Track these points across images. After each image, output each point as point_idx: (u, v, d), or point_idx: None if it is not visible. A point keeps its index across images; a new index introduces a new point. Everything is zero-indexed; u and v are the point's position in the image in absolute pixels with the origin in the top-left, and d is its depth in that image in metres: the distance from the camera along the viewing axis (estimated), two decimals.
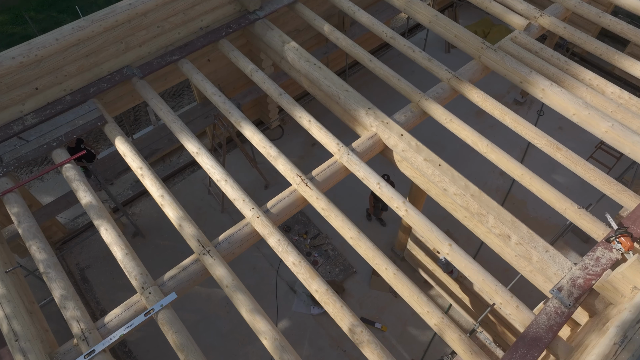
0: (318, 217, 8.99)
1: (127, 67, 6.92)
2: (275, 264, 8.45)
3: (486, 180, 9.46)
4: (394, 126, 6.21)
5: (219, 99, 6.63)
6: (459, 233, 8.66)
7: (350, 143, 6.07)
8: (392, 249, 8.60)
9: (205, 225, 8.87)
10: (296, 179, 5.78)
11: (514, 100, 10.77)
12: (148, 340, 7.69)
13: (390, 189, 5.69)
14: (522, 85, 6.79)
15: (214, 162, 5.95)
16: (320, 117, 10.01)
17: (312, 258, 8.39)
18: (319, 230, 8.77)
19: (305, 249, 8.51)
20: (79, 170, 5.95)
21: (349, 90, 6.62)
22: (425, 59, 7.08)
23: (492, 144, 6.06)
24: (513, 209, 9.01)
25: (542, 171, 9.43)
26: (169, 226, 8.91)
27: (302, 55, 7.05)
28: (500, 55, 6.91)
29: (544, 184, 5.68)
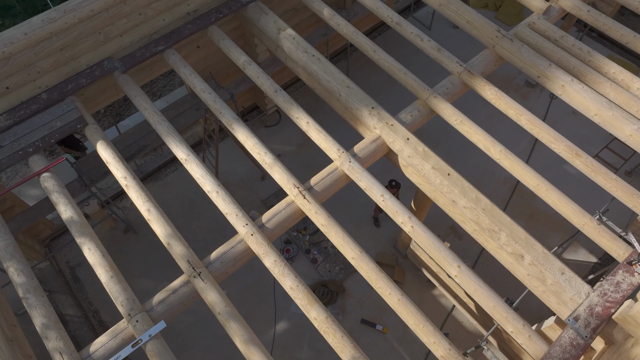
0: None
1: (107, 60, 6.32)
2: None
3: (494, 170, 9.02)
4: (399, 129, 5.71)
5: (209, 97, 6.08)
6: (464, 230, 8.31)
7: (351, 136, 5.57)
8: (394, 245, 8.28)
9: (200, 220, 8.52)
10: (293, 190, 5.35)
11: (526, 82, 10.14)
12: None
13: (395, 202, 5.27)
14: (539, 80, 6.23)
15: (204, 171, 5.49)
16: (320, 106, 9.45)
17: (311, 256, 8.09)
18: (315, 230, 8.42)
19: (304, 246, 8.18)
20: (58, 180, 5.50)
21: (351, 87, 6.06)
22: (434, 48, 6.46)
23: (506, 150, 5.59)
24: (521, 202, 8.64)
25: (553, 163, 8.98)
26: None
27: (300, 45, 6.43)
28: (516, 45, 6.30)
29: (561, 197, 5.25)
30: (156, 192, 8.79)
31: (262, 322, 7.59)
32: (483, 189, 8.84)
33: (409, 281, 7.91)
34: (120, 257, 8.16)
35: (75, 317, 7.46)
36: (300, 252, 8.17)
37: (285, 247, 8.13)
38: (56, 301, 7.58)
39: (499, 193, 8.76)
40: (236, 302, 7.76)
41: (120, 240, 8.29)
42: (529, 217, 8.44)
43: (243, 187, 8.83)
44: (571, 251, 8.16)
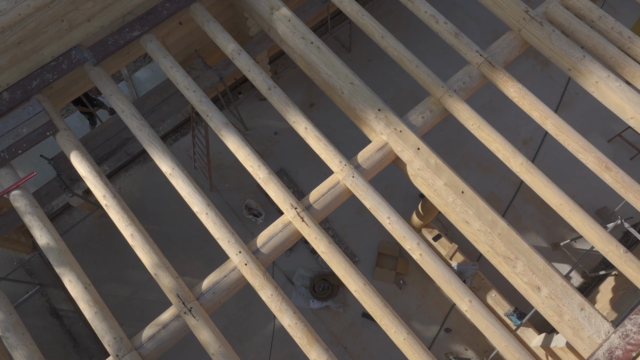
0: None
1: (75, 49, 5.51)
2: None
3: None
4: (409, 136, 5.08)
5: (194, 96, 5.35)
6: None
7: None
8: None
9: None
10: (290, 212, 4.84)
11: None
12: None
13: (402, 225, 4.79)
14: (570, 73, 5.46)
15: (191, 189, 4.95)
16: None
17: (310, 246, 7.74)
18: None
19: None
20: (30, 198, 4.97)
21: (355, 84, 5.32)
22: (451, 33, 5.61)
23: (528, 163, 5.00)
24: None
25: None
26: (154, 207, 8.15)
27: (297, 30, 5.57)
28: (546, 30, 5.44)
29: (585, 219, 4.76)
30: (145, 175, 8.26)
31: (260, 315, 7.43)
32: (496, 167, 8.32)
33: (412, 272, 7.65)
34: (112, 246, 7.83)
35: (69, 312, 7.30)
36: (299, 241, 7.83)
37: None
38: (49, 295, 7.38)
39: (511, 175, 8.23)
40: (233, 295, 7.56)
41: (112, 227, 7.88)
42: (542, 202, 7.98)
43: (238, 170, 8.28)
44: (582, 239, 7.81)
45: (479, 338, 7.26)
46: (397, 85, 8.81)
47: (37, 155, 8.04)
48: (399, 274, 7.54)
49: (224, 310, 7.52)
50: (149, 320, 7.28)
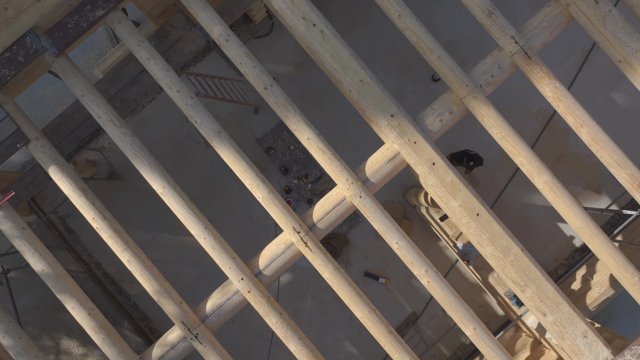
0: None
1: (30, 34, 4.58)
2: None
3: (527, 100, 7.66)
4: (424, 149, 4.54)
5: (179, 96, 4.61)
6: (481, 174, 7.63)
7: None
8: (403, 195, 7.66)
9: (190, 164, 7.73)
10: (294, 236, 4.57)
11: None
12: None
13: (411, 251, 4.57)
14: (620, 65, 4.63)
15: (187, 210, 4.60)
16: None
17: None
18: (321, 172, 7.62)
19: (305, 195, 7.59)
20: (16, 219, 4.64)
21: (365, 81, 4.56)
22: (483, 10, 4.61)
23: (553, 181, 4.57)
24: (552, 141, 7.64)
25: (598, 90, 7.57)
26: None
27: (296, 6, 4.56)
28: (602, 11, 4.46)
29: (605, 244, 4.53)
30: (135, 129, 7.66)
31: None
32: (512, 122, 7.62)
33: (415, 232, 7.62)
34: (109, 207, 7.62)
35: (78, 273, 7.47)
36: (301, 201, 7.63)
37: (286, 198, 7.55)
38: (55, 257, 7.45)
39: (529, 128, 7.65)
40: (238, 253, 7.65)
41: (105, 188, 7.64)
42: (557, 160, 7.59)
43: (234, 123, 7.66)
44: (593, 199, 7.61)
45: (475, 294, 7.58)
46: None
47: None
48: None
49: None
50: None
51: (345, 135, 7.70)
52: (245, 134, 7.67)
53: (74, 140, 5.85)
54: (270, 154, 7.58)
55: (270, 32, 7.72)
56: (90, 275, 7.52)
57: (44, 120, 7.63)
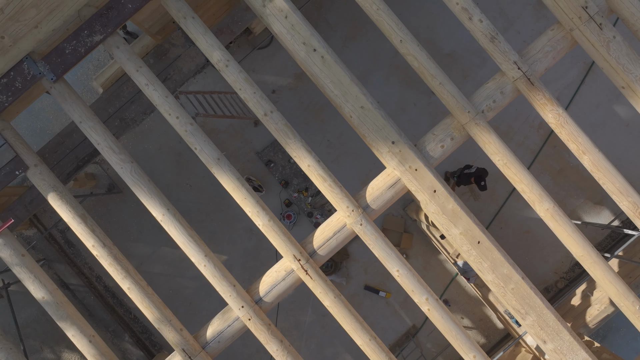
0: None
1: (27, 60, 4.53)
2: None
3: (529, 113, 7.61)
4: (425, 176, 4.51)
5: (178, 123, 4.57)
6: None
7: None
8: (404, 208, 7.64)
9: (190, 177, 7.71)
10: (294, 264, 4.57)
11: None
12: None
13: (411, 279, 4.56)
14: (624, 91, 4.60)
15: (187, 237, 4.58)
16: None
17: (314, 220, 7.57)
18: None
19: (306, 209, 7.57)
20: (15, 246, 4.63)
21: (366, 108, 4.53)
22: (486, 35, 4.55)
23: (554, 209, 4.54)
24: (553, 154, 7.61)
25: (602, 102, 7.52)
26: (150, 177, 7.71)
27: (296, 31, 4.51)
28: (605, 37, 4.40)
29: (607, 273, 4.53)
30: (135, 142, 7.62)
31: None
32: (514, 135, 7.70)
33: (415, 245, 7.61)
34: (110, 219, 7.65)
35: (79, 287, 7.48)
36: (301, 214, 7.61)
37: (286, 211, 7.53)
38: (56, 272, 7.47)
39: (530, 141, 7.60)
40: (237, 267, 7.69)
41: (105, 201, 7.62)
42: (558, 173, 7.55)
43: (234, 135, 7.62)
44: (594, 213, 7.59)
45: (475, 307, 7.59)
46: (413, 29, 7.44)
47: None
48: (403, 248, 7.52)
49: None
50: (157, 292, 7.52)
51: (345, 147, 7.66)
52: (245, 146, 7.63)
53: (73, 160, 5.82)
54: (271, 167, 7.55)
55: (270, 44, 7.65)
56: (90, 289, 7.53)
57: (43, 133, 7.59)
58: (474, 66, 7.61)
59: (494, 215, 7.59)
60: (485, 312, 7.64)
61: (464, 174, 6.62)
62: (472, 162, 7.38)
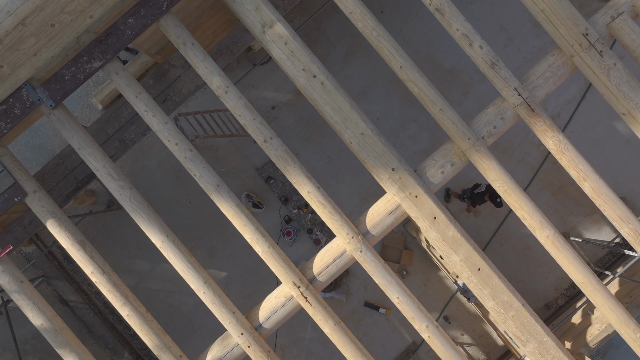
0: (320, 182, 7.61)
1: (26, 86, 4.52)
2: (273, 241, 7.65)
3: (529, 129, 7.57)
4: (425, 203, 4.50)
5: (179, 150, 4.56)
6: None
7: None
8: (404, 224, 7.63)
9: (189, 193, 7.69)
10: (294, 291, 4.55)
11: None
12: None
13: (412, 306, 4.55)
14: (624, 117, 4.61)
15: (186, 264, 4.56)
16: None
17: (314, 236, 7.55)
18: None
19: (305, 225, 7.56)
20: (14, 273, 4.61)
21: (366, 134, 4.51)
22: (486, 61, 4.56)
23: (555, 235, 4.53)
24: (553, 171, 7.61)
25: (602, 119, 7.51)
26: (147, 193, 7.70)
27: (296, 57, 4.51)
28: (606, 64, 4.39)
29: (607, 300, 4.52)
30: (134, 158, 7.61)
31: None
32: (514, 152, 7.68)
33: (416, 261, 7.60)
34: (110, 235, 7.64)
35: (79, 303, 7.46)
36: (301, 231, 7.59)
37: (286, 228, 7.51)
38: (55, 288, 7.45)
39: (530, 157, 7.59)
40: (237, 283, 7.68)
41: (104, 218, 7.60)
42: (558, 189, 7.54)
43: (233, 152, 7.60)
44: (594, 229, 7.57)
45: (475, 324, 7.57)
46: (413, 45, 7.55)
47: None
48: (403, 265, 7.50)
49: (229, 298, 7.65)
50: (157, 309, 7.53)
51: (345, 163, 7.65)
52: (244, 163, 7.62)
53: (72, 181, 5.81)
54: (270, 183, 7.53)
55: (270, 60, 7.63)
56: (90, 305, 7.50)
57: (42, 149, 7.58)
58: (474, 82, 7.59)
59: (495, 231, 7.58)
60: (486, 329, 7.62)
61: (476, 194, 6.62)
62: (473, 179, 7.38)
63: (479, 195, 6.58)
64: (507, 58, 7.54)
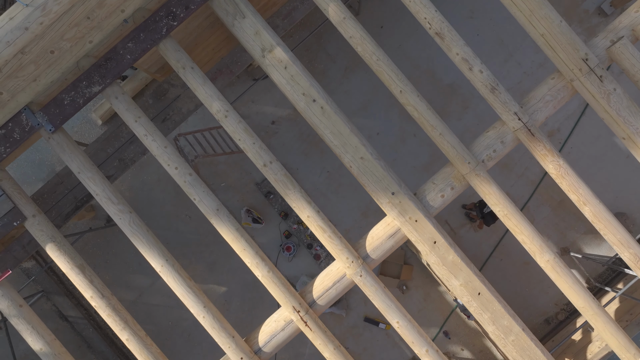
0: (320, 197, 7.65)
1: (25, 111, 4.51)
2: (273, 256, 7.65)
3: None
4: (425, 227, 4.50)
5: (178, 175, 4.55)
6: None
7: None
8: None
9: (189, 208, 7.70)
10: (294, 315, 4.54)
11: (597, 8, 7.56)
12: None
13: (411, 330, 4.54)
14: (624, 142, 4.59)
15: (185, 288, 4.56)
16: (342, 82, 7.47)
17: (314, 251, 7.54)
18: None
19: (305, 240, 7.55)
20: (13, 297, 4.61)
21: (366, 159, 4.50)
22: (487, 85, 4.56)
23: (555, 260, 4.52)
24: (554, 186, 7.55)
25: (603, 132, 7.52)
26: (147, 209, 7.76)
27: (296, 82, 4.51)
28: (606, 90, 4.39)
29: (608, 325, 4.51)
30: (134, 173, 7.61)
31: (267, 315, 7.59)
32: (514, 167, 7.68)
33: (416, 276, 7.59)
34: (110, 249, 7.63)
35: (78, 319, 7.45)
36: (301, 246, 7.58)
37: (286, 243, 7.50)
38: (55, 304, 7.44)
39: (530, 172, 7.59)
40: (236, 299, 7.67)
41: (103, 233, 7.59)
42: (558, 204, 7.54)
43: (233, 167, 7.60)
44: (594, 245, 7.57)
45: (475, 339, 7.56)
46: (413, 60, 7.54)
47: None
48: (403, 280, 7.50)
49: (229, 313, 7.68)
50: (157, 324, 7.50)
51: (345, 178, 7.64)
52: (244, 177, 7.62)
53: (72, 200, 5.80)
54: (270, 198, 7.53)
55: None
56: (89, 321, 7.49)
57: (42, 164, 7.57)
58: (474, 97, 7.59)
59: (495, 246, 7.57)
60: (486, 344, 7.61)
61: (488, 214, 6.62)
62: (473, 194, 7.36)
63: (491, 215, 6.60)
64: (507, 73, 7.54)
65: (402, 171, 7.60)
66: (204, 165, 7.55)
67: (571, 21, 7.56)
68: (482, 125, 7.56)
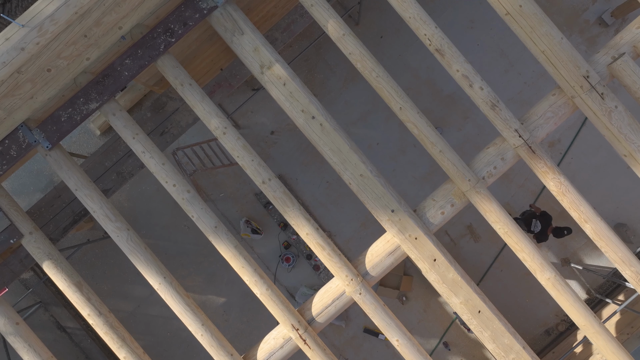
0: (319, 208, 7.62)
1: (22, 128, 4.48)
2: (272, 266, 7.62)
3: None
4: (425, 245, 4.47)
5: (175, 191, 4.53)
6: (482, 229, 7.58)
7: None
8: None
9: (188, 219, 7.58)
10: (292, 333, 4.51)
11: (598, 19, 7.53)
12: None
13: (411, 349, 4.51)
14: (626, 159, 4.55)
15: (183, 306, 4.53)
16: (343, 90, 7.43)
17: (313, 262, 7.51)
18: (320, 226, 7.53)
19: (305, 251, 7.51)
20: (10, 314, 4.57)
21: (366, 176, 4.47)
22: (487, 102, 4.51)
23: (556, 278, 4.49)
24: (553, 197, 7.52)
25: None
26: (146, 219, 7.73)
27: (294, 99, 4.48)
28: (607, 107, 4.36)
29: (609, 343, 4.48)
30: (132, 183, 7.58)
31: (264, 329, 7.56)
32: (514, 177, 7.65)
33: (415, 287, 7.56)
34: (108, 260, 7.60)
35: (76, 330, 7.41)
36: (300, 257, 7.55)
37: (285, 254, 7.47)
38: (53, 314, 7.41)
39: (530, 183, 7.56)
40: (236, 309, 7.63)
41: (101, 244, 7.56)
42: (559, 215, 7.49)
43: (232, 177, 7.57)
44: (594, 256, 7.54)
45: (475, 350, 7.53)
46: (413, 70, 7.51)
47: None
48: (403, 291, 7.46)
49: (229, 324, 7.65)
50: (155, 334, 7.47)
51: (345, 189, 7.58)
52: (243, 188, 7.58)
53: (70, 214, 5.77)
54: (270, 208, 7.49)
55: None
56: (87, 332, 7.46)
57: (39, 174, 7.54)
58: (474, 107, 7.54)
59: (495, 257, 7.54)
60: (486, 355, 7.58)
61: (539, 234, 6.58)
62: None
63: (541, 234, 6.59)
64: (507, 83, 7.51)
65: (402, 182, 7.58)
66: (202, 176, 7.52)
67: (572, 31, 7.52)
68: (483, 135, 7.54)
